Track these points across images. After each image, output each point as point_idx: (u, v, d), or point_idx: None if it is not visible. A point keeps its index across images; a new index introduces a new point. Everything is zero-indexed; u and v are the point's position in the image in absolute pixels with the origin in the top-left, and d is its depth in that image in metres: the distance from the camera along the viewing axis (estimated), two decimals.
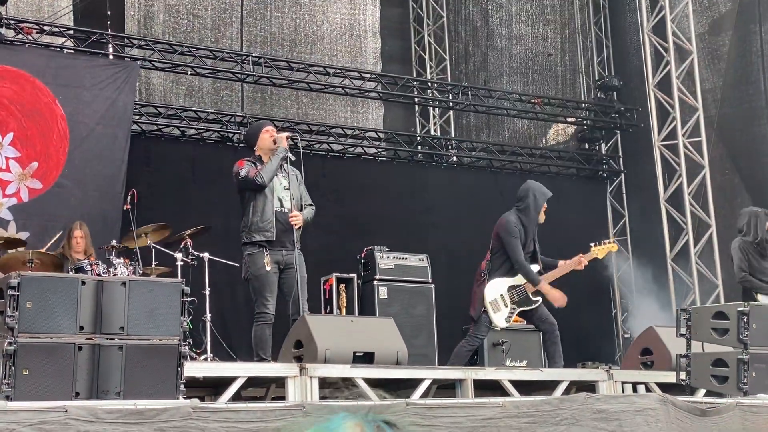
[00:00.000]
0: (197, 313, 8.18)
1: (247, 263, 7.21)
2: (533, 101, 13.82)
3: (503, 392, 6.76)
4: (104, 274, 7.79)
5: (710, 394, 6.80)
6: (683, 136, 12.18)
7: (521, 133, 14.81)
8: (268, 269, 7.09)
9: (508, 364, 9.38)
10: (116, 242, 8.57)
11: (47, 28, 10.69)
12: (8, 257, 8.12)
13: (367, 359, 6.61)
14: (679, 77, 12.22)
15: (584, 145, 14.59)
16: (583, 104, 14.52)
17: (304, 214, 7.31)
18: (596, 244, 7.96)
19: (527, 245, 7.69)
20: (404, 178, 13.17)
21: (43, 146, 9.88)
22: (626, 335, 12.98)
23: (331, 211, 11.00)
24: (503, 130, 14.72)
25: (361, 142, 13.18)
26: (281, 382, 6.21)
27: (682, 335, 6.81)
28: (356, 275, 10.03)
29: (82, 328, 5.15)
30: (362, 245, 10.25)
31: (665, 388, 6.93)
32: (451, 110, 14.26)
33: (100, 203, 10.04)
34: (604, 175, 14.49)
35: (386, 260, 9.94)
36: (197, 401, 4.89)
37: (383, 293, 9.76)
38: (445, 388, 6.99)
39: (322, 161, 12.24)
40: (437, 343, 9.86)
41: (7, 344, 4.96)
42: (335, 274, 9.97)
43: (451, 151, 13.99)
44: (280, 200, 7.29)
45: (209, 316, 8.50)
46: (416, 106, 14.36)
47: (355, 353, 6.56)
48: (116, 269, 7.98)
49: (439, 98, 13.91)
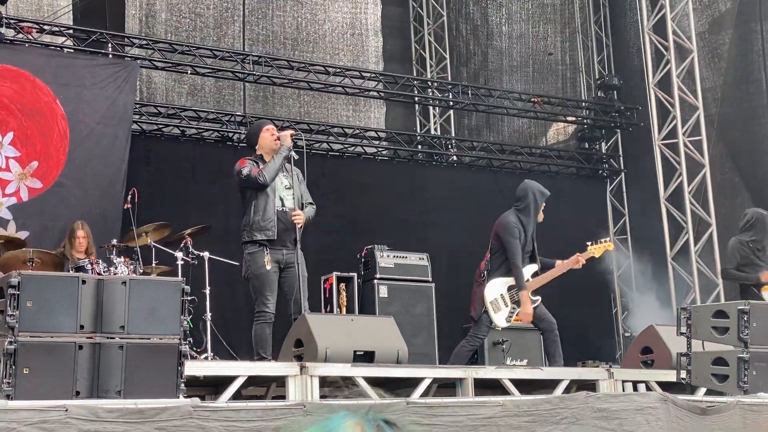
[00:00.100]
0: (198, 312, 8.19)
1: (247, 262, 7.20)
2: (533, 100, 13.81)
3: (504, 391, 6.76)
4: (104, 273, 7.79)
5: (711, 392, 6.80)
6: (683, 135, 12.17)
7: (521, 132, 14.80)
8: (268, 268, 7.08)
9: (508, 363, 9.38)
10: (116, 241, 8.58)
11: (47, 27, 10.69)
12: (8, 256, 8.11)
13: (367, 358, 6.61)
14: (679, 76, 12.21)
15: (584, 144, 14.58)
16: (583, 103, 14.51)
17: (305, 212, 7.30)
18: (593, 243, 7.98)
19: (526, 245, 7.69)
20: (404, 177, 13.17)
21: (43, 145, 9.87)
22: (627, 334, 12.98)
23: (331, 210, 11.00)
24: (503, 129, 14.71)
25: (361, 141, 13.18)
26: (282, 381, 6.22)
27: (682, 334, 6.82)
28: (356, 274, 10.02)
29: (82, 327, 5.15)
30: (362, 244, 10.24)
31: (666, 386, 6.93)
32: (451, 109, 14.26)
33: (100, 202, 10.04)
34: (604, 174, 14.49)
35: (386, 259, 9.93)
36: (198, 400, 4.89)
37: (383, 292, 9.76)
38: (445, 387, 6.99)
39: (322, 160, 12.23)
40: (437, 342, 9.86)
41: (7, 343, 4.96)
42: (335, 273, 9.96)
43: (451, 150, 13.99)
44: (281, 199, 7.28)
45: (209, 315, 8.50)
46: (416, 105, 14.36)
47: (355, 352, 6.56)
48: (116, 268, 7.98)
49: (439, 97, 13.90)
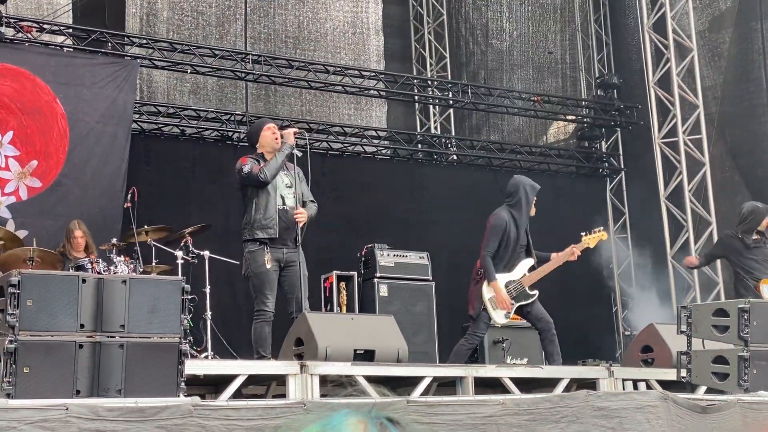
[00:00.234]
0: (198, 311, 8.18)
1: (247, 260, 7.19)
2: (533, 99, 13.81)
3: (504, 390, 6.77)
4: (105, 272, 7.79)
5: (711, 391, 6.81)
6: (684, 133, 12.17)
7: (521, 131, 14.80)
8: (268, 267, 7.08)
9: (508, 361, 9.37)
10: (117, 240, 8.58)
11: (47, 26, 10.69)
12: (9, 255, 8.10)
13: (367, 357, 6.62)
14: (679, 75, 12.21)
15: (584, 143, 14.57)
16: (583, 102, 14.50)
17: (307, 210, 7.28)
18: (587, 233, 7.98)
19: (519, 239, 7.68)
20: (404, 176, 13.17)
21: (42, 145, 9.86)
22: (627, 332, 12.97)
23: (331, 209, 10.99)
24: (503, 128, 14.71)
25: (361, 140, 13.17)
26: (282, 379, 6.22)
27: (682, 332, 6.82)
28: (356, 273, 10.02)
29: (82, 326, 5.16)
30: (362, 243, 10.24)
31: (666, 385, 6.93)
32: (451, 108, 14.25)
33: (100, 201, 10.04)
34: (604, 172, 14.49)
35: (386, 258, 9.93)
36: (198, 399, 4.89)
37: (384, 291, 9.75)
38: (445, 385, 6.98)
39: (321, 159, 12.22)
40: (438, 340, 9.86)
41: (8, 342, 4.96)
42: (335, 271, 9.95)
43: (450, 149, 13.98)
44: (282, 198, 7.27)
45: (210, 314, 8.50)
46: (417, 104, 14.35)
47: (355, 351, 6.56)
48: (117, 267, 7.97)
49: (439, 96, 13.90)
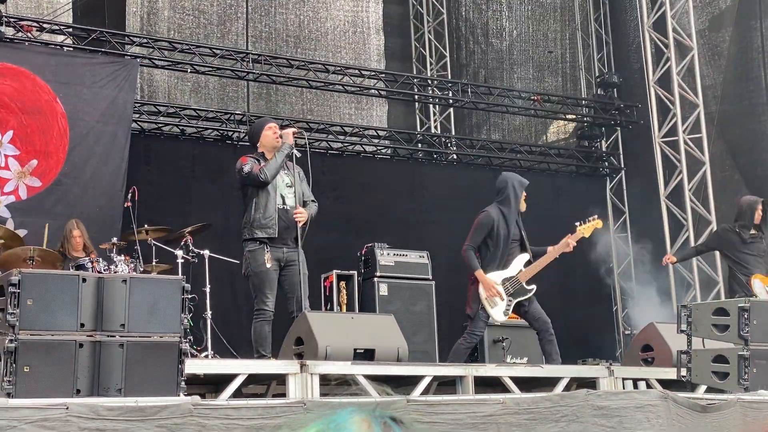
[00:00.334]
0: (198, 310, 8.18)
1: (247, 260, 7.19)
2: (533, 98, 13.80)
3: (504, 389, 6.77)
4: (105, 271, 7.78)
5: (711, 390, 6.81)
6: (684, 132, 12.17)
7: (521, 130, 14.79)
8: (268, 266, 7.08)
9: (508, 360, 9.38)
10: (117, 240, 8.57)
11: (47, 25, 10.68)
12: (9, 254, 8.10)
13: (367, 356, 6.62)
14: (679, 74, 12.21)
15: (584, 142, 14.56)
16: (583, 101, 14.50)
17: (307, 210, 7.28)
18: (581, 223, 7.96)
19: (510, 235, 7.68)
20: (404, 175, 13.16)
21: (42, 144, 9.86)
22: (627, 332, 12.97)
23: (331, 208, 10.98)
24: (503, 127, 14.70)
25: (360, 139, 13.17)
26: (282, 379, 6.22)
27: (682, 331, 6.82)
28: (356, 272, 10.02)
29: (83, 325, 5.16)
30: (362, 243, 10.24)
31: (666, 384, 6.93)
32: (451, 107, 14.25)
33: (100, 201, 10.04)
34: (604, 171, 14.48)
35: (386, 257, 9.93)
36: (198, 398, 4.89)
37: (384, 290, 9.75)
38: (445, 384, 6.99)
39: (321, 159, 12.22)
40: (438, 340, 9.85)
41: (8, 341, 4.96)
42: (335, 271, 9.95)
43: (450, 148, 13.98)
44: (282, 197, 7.26)
45: (210, 313, 8.50)
46: (417, 103, 14.35)
47: (355, 350, 6.56)
48: (117, 267, 7.97)
49: (439, 95, 13.89)
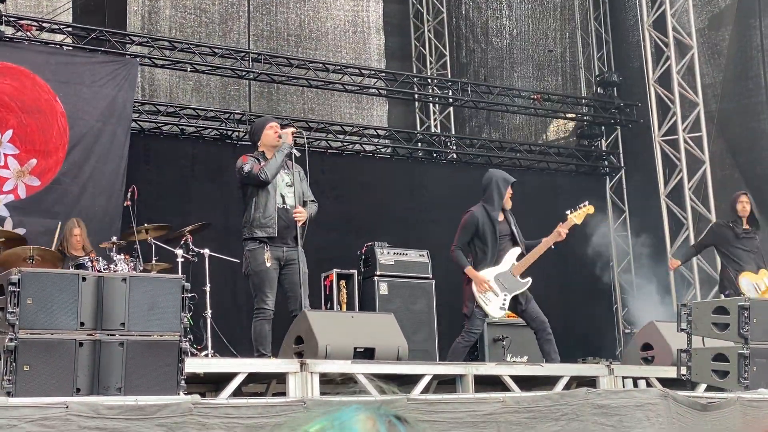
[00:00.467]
0: (198, 309, 8.18)
1: (247, 259, 7.20)
2: (533, 97, 13.80)
3: (504, 388, 6.77)
4: (105, 270, 7.79)
5: (711, 389, 6.81)
6: (683, 131, 12.16)
7: (521, 129, 14.79)
8: (268, 265, 7.08)
9: (508, 359, 9.37)
10: (117, 239, 8.57)
11: (47, 25, 10.68)
12: (9, 253, 8.11)
13: (367, 355, 6.62)
14: (679, 72, 12.20)
15: (584, 141, 14.56)
16: (583, 100, 14.50)
17: (307, 209, 7.28)
18: (572, 210, 7.88)
19: (498, 231, 7.68)
20: (404, 174, 13.16)
21: (42, 143, 9.86)
22: (627, 330, 12.97)
23: (330, 207, 10.98)
24: (503, 126, 14.70)
25: (360, 139, 13.16)
26: (282, 378, 6.22)
27: (682, 330, 6.82)
28: (356, 271, 10.02)
29: (82, 324, 5.16)
30: (362, 242, 10.24)
31: (666, 383, 6.93)
32: (451, 106, 14.25)
33: (99, 200, 10.03)
34: (604, 170, 14.48)
35: (386, 256, 9.93)
36: (198, 397, 4.90)
37: (384, 289, 9.75)
38: (445, 383, 6.99)
39: (321, 158, 12.22)
40: (438, 338, 9.85)
41: (8, 340, 4.97)
42: (335, 270, 9.96)
43: (450, 147, 13.97)
44: (282, 197, 7.26)
45: (210, 312, 8.50)
46: (416, 102, 14.34)
47: (355, 349, 6.56)
48: (117, 266, 7.97)
49: (439, 94, 13.89)
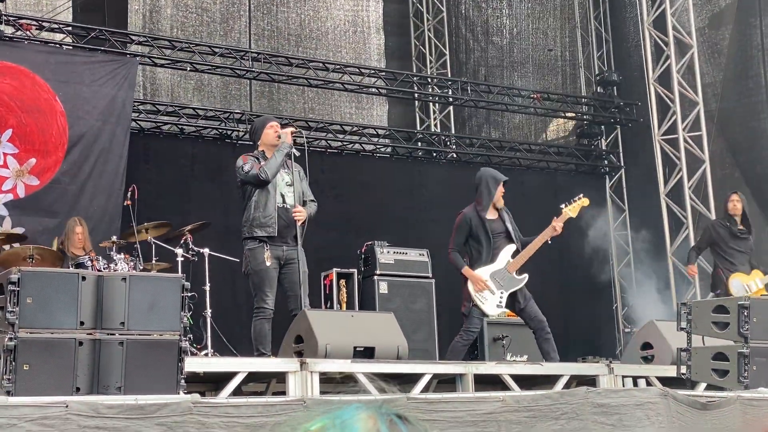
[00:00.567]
0: (197, 308, 8.18)
1: (247, 258, 7.20)
2: (533, 96, 13.80)
3: (504, 387, 6.77)
4: (104, 269, 7.78)
5: (711, 387, 6.81)
6: (683, 130, 12.16)
7: (521, 128, 14.79)
8: (268, 264, 7.08)
9: (508, 358, 9.37)
10: (116, 238, 8.57)
11: (46, 24, 10.67)
12: (9, 253, 8.10)
13: (367, 354, 6.62)
14: (679, 71, 12.20)
15: (584, 140, 14.55)
16: (582, 99, 14.49)
17: (306, 209, 7.28)
18: (566, 204, 7.89)
19: (489, 229, 7.68)
20: (403, 174, 13.16)
21: (41, 142, 9.86)
22: (627, 329, 12.98)
23: (330, 207, 10.98)
24: (503, 125, 14.70)
25: (360, 138, 13.16)
26: (282, 377, 6.22)
27: (682, 329, 6.82)
28: (356, 270, 10.02)
29: (82, 323, 5.16)
30: (362, 241, 10.24)
31: (666, 382, 6.93)
32: (450, 106, 14.24)
33: (99, 199, 10.04)
34: (603, 170, 14.47)
35: (386, 255, 9.93)
36: (198, 396, 4.90)
37: (383, 288, 9.75)
38: (445, 382, 6.99)
39: (320, 157, 12.22)
40: (437, 337, 9.86)
41: (7, 340, 4.96)
42: (335, 269, 9.96)
43: (450, 147, 13.97)
44: (282, 196, 7.26)
45: (209, 311, 8.50)
46: (416, 102, 14.34)
47: (355, 348, 6.56)
48: (117, 265, 7.97)
49: (439, 94, 13.89)
